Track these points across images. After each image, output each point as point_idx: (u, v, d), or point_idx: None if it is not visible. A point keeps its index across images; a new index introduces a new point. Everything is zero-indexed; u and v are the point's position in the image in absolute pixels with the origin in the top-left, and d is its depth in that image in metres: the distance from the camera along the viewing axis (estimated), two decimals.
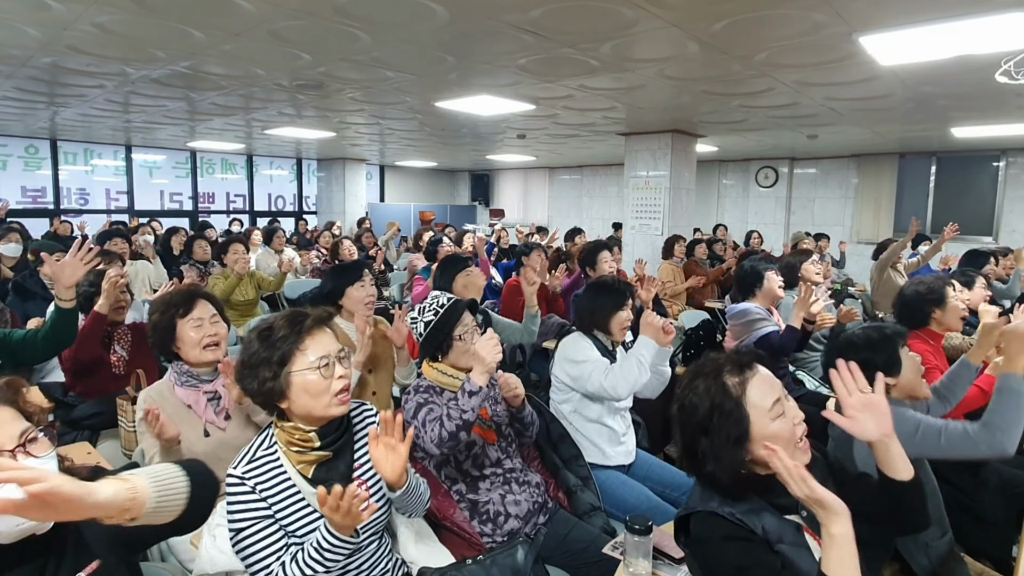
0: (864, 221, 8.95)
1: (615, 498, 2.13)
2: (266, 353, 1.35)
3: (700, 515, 1.22)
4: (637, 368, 2.18)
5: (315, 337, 1.39)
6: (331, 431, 1.42)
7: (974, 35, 3.01)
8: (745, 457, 1.18)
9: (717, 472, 1.18)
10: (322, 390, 1.35)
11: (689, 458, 1.25)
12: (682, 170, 6.76)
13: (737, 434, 1.17)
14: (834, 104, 5.11)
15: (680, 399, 1.26)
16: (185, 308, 1.93)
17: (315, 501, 1.34)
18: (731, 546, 1.15)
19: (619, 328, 2.37)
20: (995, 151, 7.87)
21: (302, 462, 1.40)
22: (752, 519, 1.18)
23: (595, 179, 11.93)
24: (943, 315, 2.57)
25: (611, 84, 4.45)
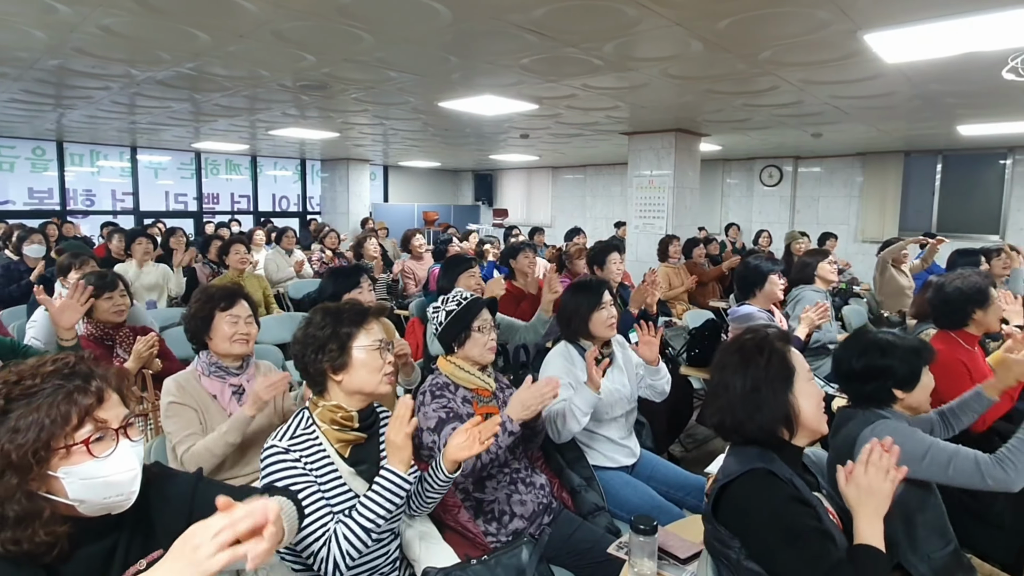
0: (869, 220, 8.91)
1: (619, 498, 2.12)
2: (336, 327, 1.51)
3: (754, 473, 1.24)
4: (571, 419, 2.04)
5: (374, 323, 1.58)
6: (367, 416, 1.56)
7: (981, 32, 2.99)
8: (792, 405, 1.28)
9: (772, 419, 1.27)
10: (378, 367, 1.52)
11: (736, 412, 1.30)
12: (686, 169, 6.75)
13: (785, 381, 1.29)
14: (839, 102, 5.09)
15: (727, 360, 1.35)
16: (227, 303, 2.02)
17: (352, 480, 1.49)
18: (793, 507, 1.20)
19: (602, 328, 2.28)
20: (1002, 149, 7.82)
21: (341, 440, 1.51)
22: (796, 481, 1.24)
23: (598, 179, 11.92)
24: (984, 316, 2.41)
25: (614, 83, 4.44)
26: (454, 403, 1.89)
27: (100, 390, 1.00)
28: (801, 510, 1.20)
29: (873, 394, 1.73)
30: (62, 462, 0.96)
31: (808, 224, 8.99)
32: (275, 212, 11.39)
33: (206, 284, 2.10)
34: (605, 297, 2.30)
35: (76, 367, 1.01)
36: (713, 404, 1.36)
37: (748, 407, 1.28)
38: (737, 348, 1.35)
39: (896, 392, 1.72)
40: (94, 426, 0.98)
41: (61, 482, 0.96)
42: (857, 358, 1.74)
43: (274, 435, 1.49)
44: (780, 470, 1.24)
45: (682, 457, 3.60)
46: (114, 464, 0.99)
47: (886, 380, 1.71)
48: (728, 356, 1.35)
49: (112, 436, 1.01)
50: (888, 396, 1.72)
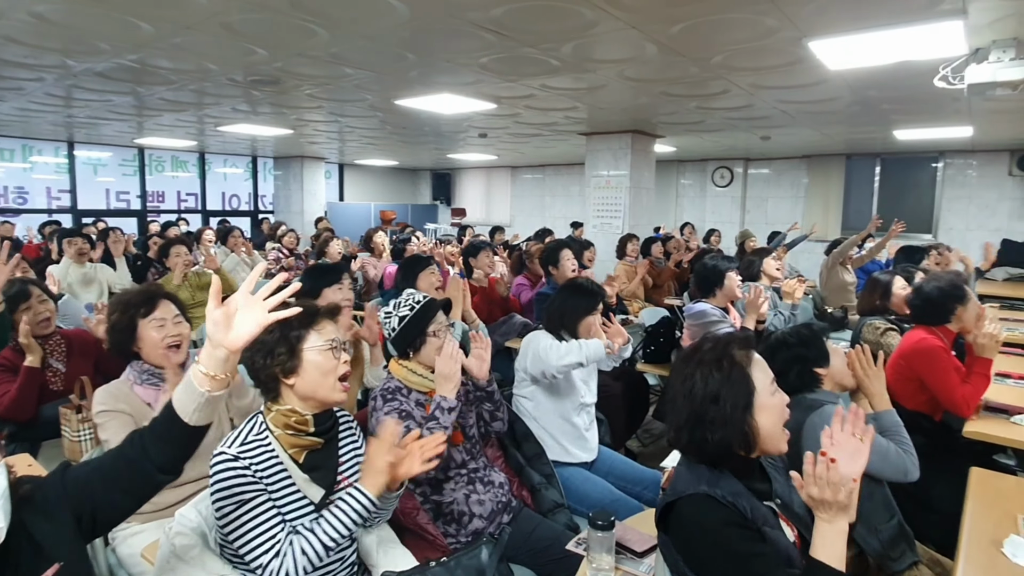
0: (814, 219, 9.24)
1: (578, 494, 2.15)
2: (283, 331, 1.44)
3: (695, 498, 1.21)
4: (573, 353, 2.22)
5: (326, 323, 1.51)
6: (324, 420, 1.50)
7: (914, 42, 3.15)
8: (749, 424, 1.23)
9: (726, 437, 1.22)
10: (331, 369, 1.46)
11: (694, 430, 1.25)
12: (642, 170, 6.86)
13: (746, 400, 1.24)
14: (786, 107, 5.28)
15: (685, 372, 1.30)
16: (147, 308, 1.88)
17: (306, 487, 1.44)
18: (732, 531, 1.17)
19: (587, 332, 2.37)
20: (934, 153, 8.26)
21: (296, 446, 1.45)
22: (741, 502, 1.20)
23: (557, 178, 12.00)
24: (964, 312, 2.57)
25: (572, 84, 4.48)
26: (407, 405, 1.87)
27: None
28: (742, 534, 1.17)
29: (800, 381, 1.89)
30: None
31: (757, 223, 9.29)
32: (225, 211, 11.03)
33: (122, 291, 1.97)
34: (599, 305, 2.41)
35: None
36: (670, 418, 1.32)
37: (704, 426, 1.23)
38: (697, 360, 1.29)
39: (817, 371, 1.90)
40: None
41: None
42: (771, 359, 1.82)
43: (223, 441, 1.44)
44: (726, 490, 1.21)
45: (639, 452, 3.66)
46: None
47: (802, 364, 1.89)
48: (686, 368, 1.30)
49: None
50: (813, 377, 1.90)
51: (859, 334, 3.25)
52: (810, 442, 1.71)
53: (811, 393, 1.88)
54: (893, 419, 1.86)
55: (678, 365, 1.35)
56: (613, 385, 3.04)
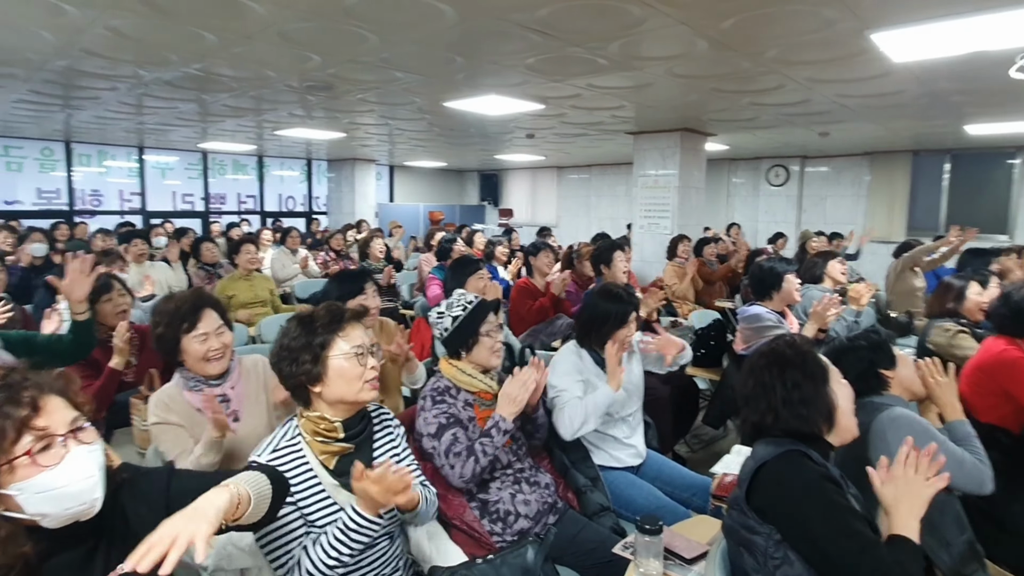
0: (877, 220, 8.85)
1: (624, 498, 2.12)
2: (308, 338, 1.43)
3: (791, 454, 1.27)
4: (585, 416, 2.07)
5: (353, 327, 1.49)
6: (354, 424, 1.49)
7: (989, 30, 2.97)
8: (831, 400, 1.34)
9: (812, 414, 1.32)
10: (356, 376, 1.44)
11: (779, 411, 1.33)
12: (691, 169, 6.73)
13: (822, 377, 1.36)
14: (846, 101, 5.07)
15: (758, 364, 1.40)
16: (190, 322, 1.89)
17: (335, 492, 1.43)
18: (829, 485, 1.23)
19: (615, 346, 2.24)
20: (1010, 148, 7.77)
21: (325, 452, 1.46)
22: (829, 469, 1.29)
23: (603, 178, 11.90)
24: None
25: (619, 83, 4.43)
26: (455, 408, 1.88)
27: (34, 399, 0.97)
28: (836, 489, 1.23)
29: (867, 385, 1.84)
30: (11, 478, 0.93)
31: (815, 224, 8.94)
32: (281, 212, 11.43)
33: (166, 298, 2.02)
34: (632, 316, 2.29)
35: (6, 379, 0.98)
36: (751, 406, 1.39)
37: (792, 404, 1.32)
38: (771, 351, 1.41)
39: (884, 373, 1.85)
40: (35, 436, 0.95)
41: (15, 499, 0.94)
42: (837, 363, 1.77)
43: (257, 449, 1.46)
44: (814, 455, 1.29)
45: (688, 457, 3.59)
46: (68, 473, 0.96)
47: (868, 366, 1.86)
48: (763, 360, 1.40)
49: (61, 443, 0.98)
50: (880, 380, 1.86)
51: (926, 337, 3.09)
52: (877, 441, 1.70)
53: (879, 397, 1.84)
54: (966, 430, 1.80)
55: (750, 364, 1.44)
56: (661, 388, 2.98)
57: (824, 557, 1.17)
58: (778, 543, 1.22)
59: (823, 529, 1.17)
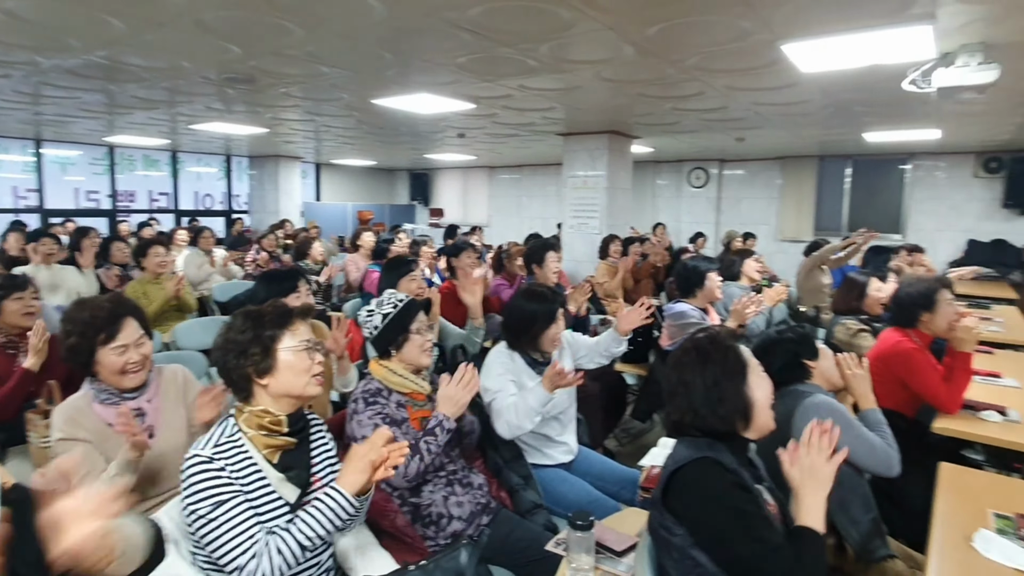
0: (787, 220, 9.44)
1: (556, 495, 2.15)
2: (257, 331, 1.44)
3: (702, 462, 1.29)
4: (521, 418, 2.07)
5: (300, 323, 1.51)
6: (296, 420, 1.49)
7: (884, 45, 3.21)
8: (748, 398, 1.35)
9: (730, 413, 1.34)
10: (304, 369, 1.46)
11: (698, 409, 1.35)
12: (618, 170, 6.91)
13: (742, 370, 1.37)
14: (760, 108, 5.35)
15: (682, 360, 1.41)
16: (108, 332, 1.74)
17: (281, 487, 1.43)
18: (738, 492, 1.27)
19: (550, 343, 2.29)
20: (903, 155, 8.45)
21: (270, 446, 1.44)
22: (742, 471, 1.32)
23: (534, 178, 12.03)
24: (931, 319, 2.60)
25: (550, 85, 4.49)
26: (389, 408, 1.86)
27: None
28: (745, 496, 1.27)
29: (793, 373, 1.99)
30: None
31: (732, 225, 9.40)
32: (199, 211, 10.84)
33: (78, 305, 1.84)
34: (559, 314, 2.29)
35: None
36: (673, 403, 1.40)
37: (710, 402, 1.34)
38: (694, 347, 1.41)
39: (808, 364, 2.00)
40: None
41: None
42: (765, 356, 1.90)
43: (196, 444, 1.41)
44: (727, 460, 1.31)
45: (617, 452, 3.68)
46: None
47: (794, 356, 2.00)
48: (686, 356, 1.41)
49: None
50: (803, 370, 2.00)
51: (832, 332, 3.32)
52: (800, 425, 1.79)
53: (802, 386, 1.99)
54: (877, 417, 1.97)
55: (674, 359, 1.44)
56: (591, 385, 3.05)
57: (733, 561, 1.24)
58: (692, 544, 1.27)
59: (731, 535, 1.23)
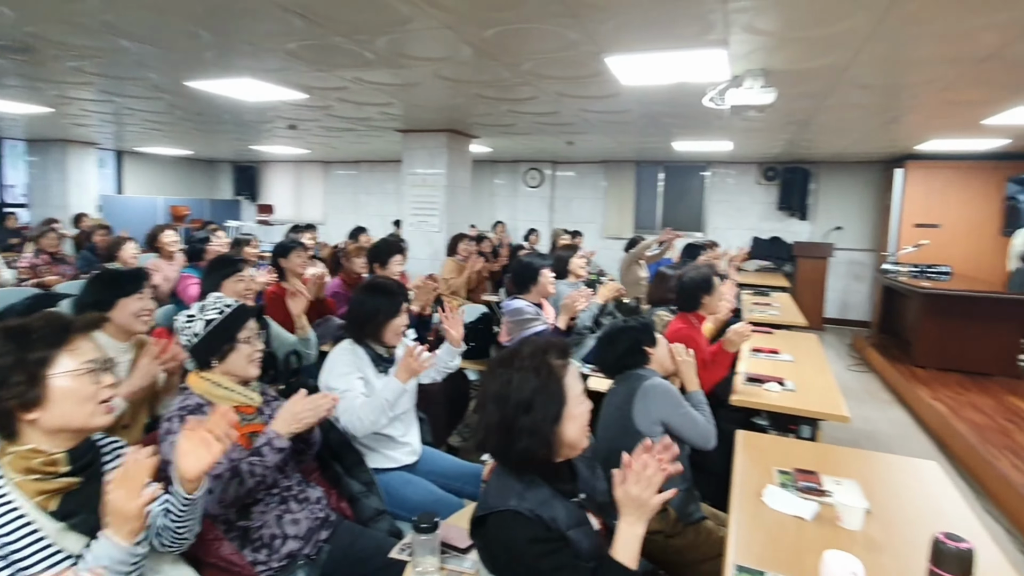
0: (611, 219, 10.29)
1: (400, 498, 2.11)
2: (20, 354, 1.18)
3: (502, 516, 1.23)
4: (380, 412, 2.08)
5: (82, 340, 1.26)
6: (82, 454, 1.26)
7: (689, 65, 3.62)
8: (557, 433, 1.27)
9: (531, 447, 1.25)
10: (89, 396, 1.23)
11: (502, 435, 1.27)
12: (458, 169, 6.98)
13: (556, 411, 1.27)
14: (587, 115, 5.74)
15: (500, 378, 1.30)
16: None
17: (62, 539, 1.19)
18: (535, 548, 1.21)
19: (393, 335, 2.31)
20: (703, 163, 9.63)
21: (43, 492, 1.20)
22: (547, 511, 1.25)
23: (373, 175, 11.72)
24: (710, 301, 3.09)
25: (387, 79, 4.40)
26: None
27: None
28: (544, 549, 1.21)
29: (630, 360, 2.19)
30: None
31: (563, 223, 10.03)
32: None
33: None
34: (403, 307, 2.33)
35: None
36: (480, 420, 1.32)
37: (512, 434, 1.25)
38: (516, 366, 1.30)
39: (647, 349, 2.20)
40: None
41: None
42: (612, 343, 2.23)
43: None
44: (533, 501, 1.24)
45: (461, 447, 3.73)
46: None
47: (637, 343, 2.19)
48: (504, 372, 1.30)
49: None
50: (641, 356, 2.20)
51: None
52: (638, 404, 2.03)
53: (641, 370, 2.19)
54: (700, 397, 2.25)
55: (493, 367, 1.35)
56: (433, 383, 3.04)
57: None
58: None
59: None
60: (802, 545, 1.53)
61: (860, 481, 1.89)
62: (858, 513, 1.62)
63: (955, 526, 1.58)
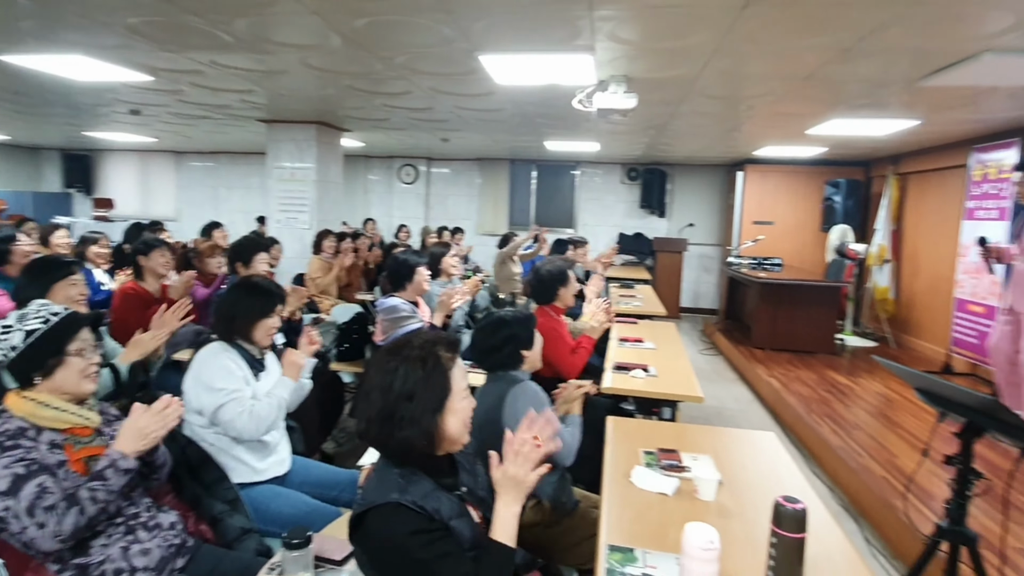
0: (486, 216, 10.43)
1: (269, 513, 1.98)
2: None
3: (384, 509, 1.22)
4: (276, 410, 2.10)
5: None
6: None
7: (559, 68, 3.75)
8: (438, 425, 1.28)
9: (412, 436, 1.25)
10: None
11: (383, 424, 1.25)
12: (329, 163, 6.71)
13: (439, 402, 1.28)
14: (462, 112, 5.75)
15: (387, 366, 1.29)
16: None
17: None
18: (418, 539, 1.21)
19: (265, 335, 2.24)
20: (573, 162, 10.06)
21: None
22: (430, 503, 1.25)
23: (234, 168, 10.90)
24: (565, 292, 3.26)
25: (249, 65, 4.10)
26: (37, 452, 1.46)
27: None
28: (428, 539, 1.21)
29: (507, 360, 2.18)
30: None
31: (440, 220, 9.98)
32: None
33: None
34: (277, 308, 2.26)
35: None
36: (361, 409, 1.30)
37: (392, 423, 1.25)
38: (403, 356, 1.29)
39: (523, 352, 2.20)
40: None
41: None
42: (492, 334, 2.19)
43: None
44: (415, 494, 1.24)
45: (336, 453, 3.59)
46: None
47: (515, 345, 2.18)
48: (389, 362, 1.29)
49: None
50: (517, 358, 2.20)
51: None
52: (508, 408, 2.01)
53: (514, 370, 2.20)
54: (576, 420, 2.18)
55: (380, 357, 1.33)
56: None
57: None
58: None
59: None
60: (666, 519, 1.65)
61: (713, 455, 2.08)
62: (712, 485, 1.79)
63: (791, 489, 1.79)
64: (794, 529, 1.26)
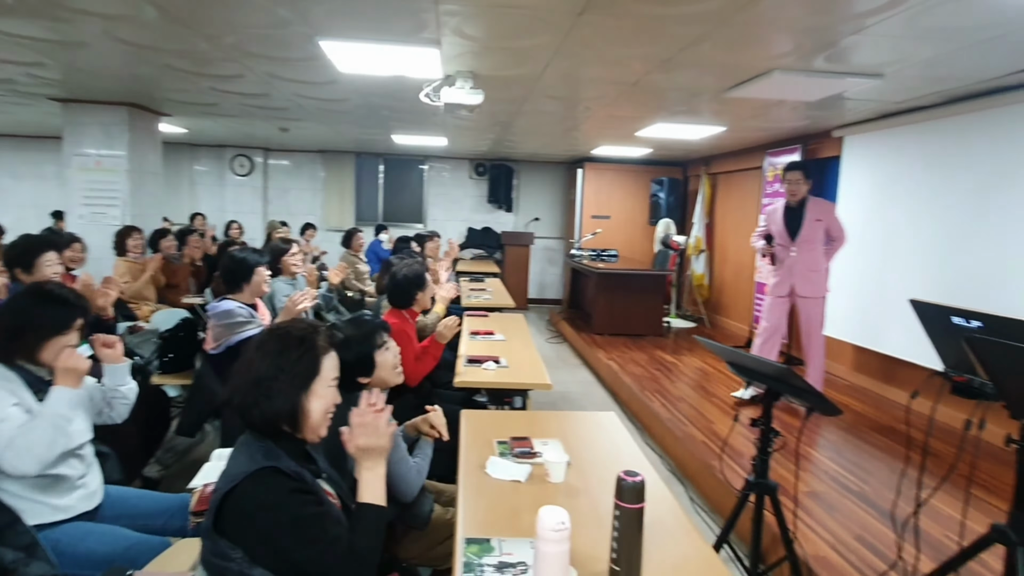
0: (331, 210, 9.99)
1: (79, 555, 1.71)
2: None
3: (259, 474, 1.23)
4: (53, 433, 1.72)
5: None
6: None
7: (406, 60, 3.68)
8: (302, 404, 1.33)
9: (277, 408, 1.30)
10: None
11: (248, 390, 1.30)
12: (145, 151, 5.97)
13: (305, 381, 1.35)
14: (302, 101, 5.43)
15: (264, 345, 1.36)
16: None
17: None
18: (298, 497, 1.25)
19: (53, 356, 1.83)
20: (421, 157, 9.99)
21: None
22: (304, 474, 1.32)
23: (23, 154, 9.29)
24: (423, 296, 3.22)
25: (36, 33, 3.50)
26: None
27: None
28: (307, 499, 1.27)
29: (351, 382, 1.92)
30: None
31: (280, 214, 9.37)
32: None
33: None
34: (77, 323, 1.90)
35: None
36: (233, 380, 1.35)
37: (259, 392, 1.30)
38: (282, 334, 1.38)
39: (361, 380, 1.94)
40: None
41: None
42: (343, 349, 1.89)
43: None
44: (286, 464, 1.28)
45: (161, 478, 3.16)
46: None
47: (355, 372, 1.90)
48: (270, 338, 1.38)
49: None
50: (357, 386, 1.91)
51: (380, 312, 3.68)
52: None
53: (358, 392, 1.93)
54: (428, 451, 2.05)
55: (264, 336, 1.41)
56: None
57: (293, 569, 1.22)
58: (251, 564, 1.21)
59: (288, 543, 1.21)
60: (520, 505, 1.70)
61: (561, 439, 2.18)
62: (561, 467, 1.88)
63: (629, 462, 1.94)
64: (634, 500, 1.36)
